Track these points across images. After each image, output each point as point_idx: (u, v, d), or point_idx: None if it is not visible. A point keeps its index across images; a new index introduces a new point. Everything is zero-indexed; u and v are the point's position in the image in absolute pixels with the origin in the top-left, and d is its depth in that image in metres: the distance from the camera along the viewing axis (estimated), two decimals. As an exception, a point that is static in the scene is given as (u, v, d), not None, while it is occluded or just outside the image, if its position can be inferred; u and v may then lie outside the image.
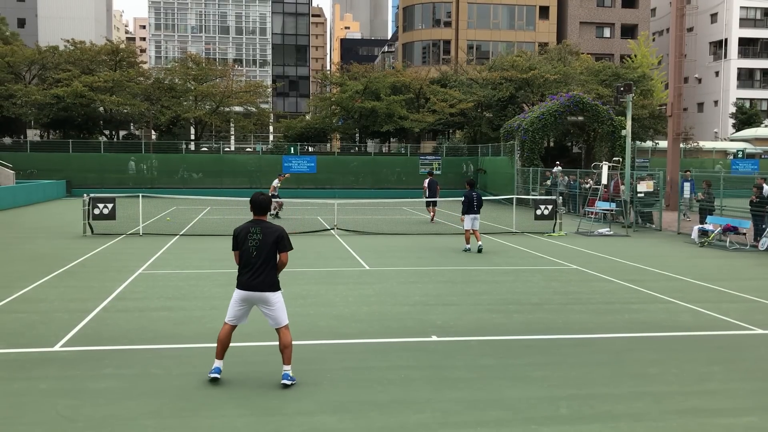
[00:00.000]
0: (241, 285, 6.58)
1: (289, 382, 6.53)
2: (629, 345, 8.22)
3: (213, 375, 6.63)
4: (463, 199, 16.57)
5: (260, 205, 6.68)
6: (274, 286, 6.61)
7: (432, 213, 24.47)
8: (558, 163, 32.57)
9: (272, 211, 24.29)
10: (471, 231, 16.37)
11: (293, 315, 9.49)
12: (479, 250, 16.22)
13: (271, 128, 59.58)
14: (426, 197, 24.80)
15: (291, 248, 6.69)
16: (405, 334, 8.58)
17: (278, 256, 6.61)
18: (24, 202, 30.17)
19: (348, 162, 42.19)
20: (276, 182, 25.15)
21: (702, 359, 7.66)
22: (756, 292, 11.69)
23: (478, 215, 16.45)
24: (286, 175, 27.92)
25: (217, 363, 6.70)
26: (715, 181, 21.00)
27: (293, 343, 6.67)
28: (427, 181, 24.88)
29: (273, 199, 24.69)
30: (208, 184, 39.71)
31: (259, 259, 6.50)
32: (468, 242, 16.46)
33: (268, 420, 5.72)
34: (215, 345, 7.87)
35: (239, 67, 64.77)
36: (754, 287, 12.14)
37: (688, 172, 22.65)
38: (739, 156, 50.48)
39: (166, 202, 30.68)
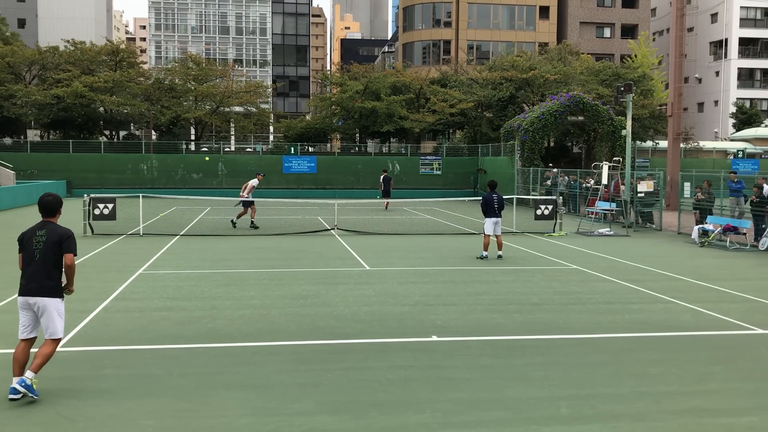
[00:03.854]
0: (21, 290, 6.11)
1: (19, 392, 5.92)
2: (630, 345, 8.22)
3: (12, 396, 5.93)
4: (481, 201, 15.46)
5: (47, 207, 6.28)
6: (54, 292, 6.13)
7: (386, 203, 29.79)
8: (551, 165, 32.62)
9: (235, 220, 21.21)
10: (492, 236, 15.16)
11: (293, 315, 9.52)
12: (498, 257, 15.17)
13: (271, 128, 59.58)
14: (381, 190, 30.24)
15: (75, 252, 6.25)
16: (405, 334, 8.58)
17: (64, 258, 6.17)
18: (24, 203, 30.17)
19: (349, 162, 42.15)
20: (255, 182, 21.75)
21: (702, 359, 7.66)
22: (756, 292, 11.69)
23: (499, 219, 15.20)
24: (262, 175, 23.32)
25: (15, 380, 5.97)
26: (716, 181, 21.00)
27: (295, 343, 6.65)
28: (382, 177, 30.30)
29: (244, 205, 20.88)
30: (208, 184, 39.71)
31: (41, 262, 6.10)
32: (486, 249, 15.17)
33: (268, 420, 5.72)
34: (215, 345, 7.93)
35: (239, 68, 64.78)
36: (754, 287, 12.14)
37: (734, 174, 21.62)
38: (740, 156, 50.47)
39: (166, 202, 30.68)
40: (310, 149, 47.56)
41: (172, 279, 12.25)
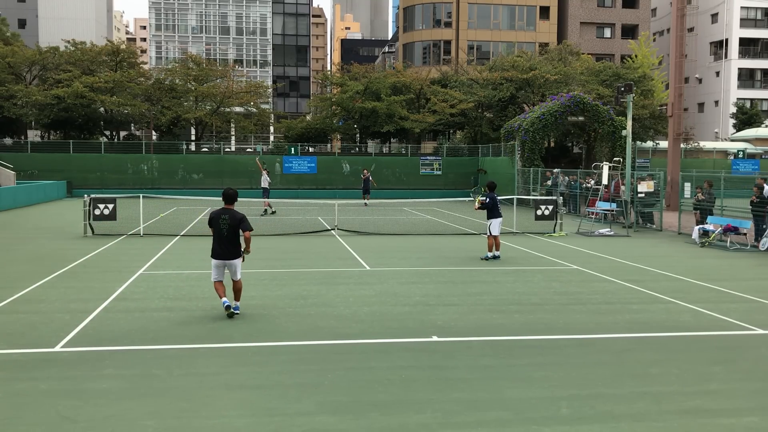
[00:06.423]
0: (216, 255, 9.17)
1: (238, 311, 9.25)
2: (630, 345, 8.22)
3: (227, 304, 9.13)
4: (487, 201, 15.40)
5: (230, 197, 9.18)
6: (237, 254, 9.20)
7: (365, 200, 32.25)
8: (556, 168, 32.75)
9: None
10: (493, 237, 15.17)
11: (294, 315, 9.54)
12: (495, 257, 15.23)
13: (271, 129, 59.58)
14: (362, 189, 33.12)
15: (251, 228, 9.23)
16: (406, 334, 8.59)
17: (242, 233, 9.14)
18: (25, 203, 30.17)
19: (349, 163, 42.12)
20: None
21: (703, 359, 7.66)
22: (756, 292, 11.69)
23: (501, 219, 15.39)
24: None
25: (224, 298, 9.19)
26: (716, 181, 20.98)
27: (295, 343, 6.78)
28: (364, 175, 33.33)
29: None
30: (209, 184, 39.67)
31: (228, 236, 9.04)
32: (490, 250, 15.19)
33: (268, 420, 5.72)
34: (216, 345, 7.95)
35: (240, 68, 64.76)
36: (754, 287, 12.14)
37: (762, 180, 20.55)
38: (740, 156, 50.47)
39: (166, 202, 30.68)
40: (311, 149, 47.54)
41: (172, 279, 12.25)
